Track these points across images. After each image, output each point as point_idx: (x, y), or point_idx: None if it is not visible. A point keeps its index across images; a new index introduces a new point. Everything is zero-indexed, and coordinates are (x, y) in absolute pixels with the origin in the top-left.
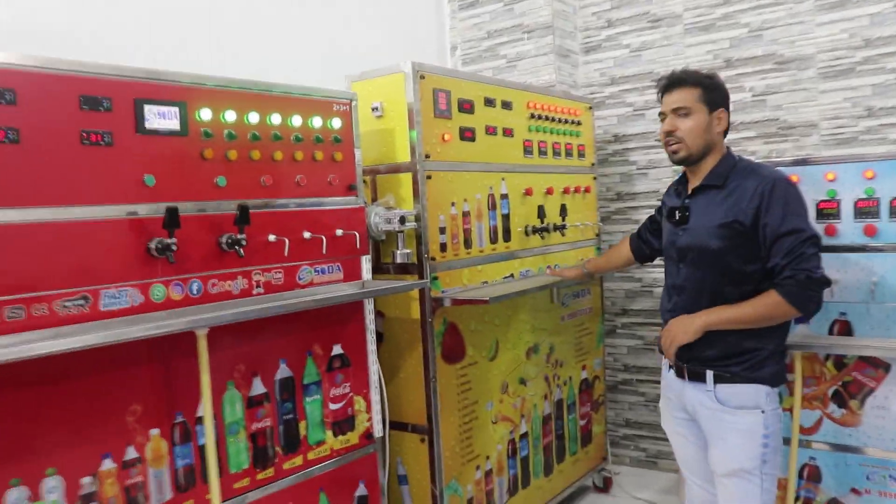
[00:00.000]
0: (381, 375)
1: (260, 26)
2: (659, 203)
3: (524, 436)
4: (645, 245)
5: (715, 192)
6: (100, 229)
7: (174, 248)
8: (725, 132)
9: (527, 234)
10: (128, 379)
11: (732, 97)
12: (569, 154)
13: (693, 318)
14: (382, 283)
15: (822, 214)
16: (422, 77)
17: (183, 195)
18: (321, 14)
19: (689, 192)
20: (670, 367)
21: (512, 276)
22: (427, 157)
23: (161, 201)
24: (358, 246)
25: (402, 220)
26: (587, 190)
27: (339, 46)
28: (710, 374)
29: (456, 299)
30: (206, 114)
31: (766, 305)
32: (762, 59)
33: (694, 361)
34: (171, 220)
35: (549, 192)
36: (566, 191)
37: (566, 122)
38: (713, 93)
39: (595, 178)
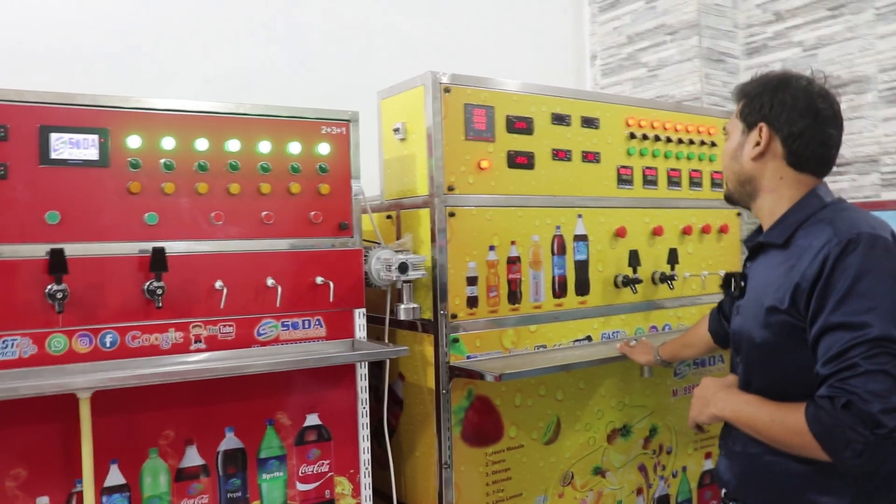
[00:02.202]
0: (391, 452)
1: (361, 43)
2: None
3: None
4: (727, 323)
5: (775, 254)
6: None
7: (61, 295)
8: (797, 162)
9: (616, 286)
10: (8, 438)
11: None
12: (695, 184)
13: (715, 397)
14: (369, 347)
15: None
16: (447, 90)
17: (98, 234)
18: (435, 23)
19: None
20: None
21: (589, 338)
22: (451, 189)
23: (66, 241)
24: (331, 298)
25: (403, 267)
26: (724, 230)
27: (465, 61)
28: None
29: (460, 368)
30: (134, 141)
31: (786, 426)
32: None
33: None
34: (57, 263)
35: (658, 232)
36: (687, 231)
37: (691, 142)
38: (753, 102)
39: (739, 215)
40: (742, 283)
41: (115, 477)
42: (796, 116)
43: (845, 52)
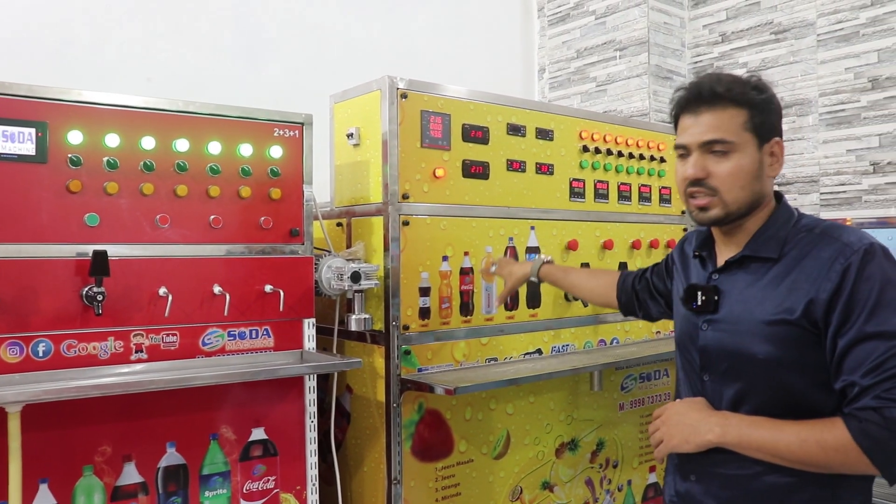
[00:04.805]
0: (338, 468)
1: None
2: (663, 261)
3: None
4: (640, 307)
5: (764, 267)
6: None
7: None
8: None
9: (567, 299)
10: None
11: (880, 130)
12: (645, 199)
13: (706, 422)
14: (320, 359)
15: None
16: (403, 96)
17: (32, 235)
18: (387, 29)
19: (721, 263)
20: None
21: (539, 351)
22: (405, 197)
23: None
24: (282, 307)
25: (356, 276)
26: (671, 245)
27: (415, 67)
28: None
29: (412, 381)
30: (75, 137)
31: (823, 444)
32: None
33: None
34: None
35: (608, 246)
36: (636, 245)
37: (641, 157)
38: (765, 113)
39: (686, 230)
40: (715, 299)
41: (44, 498)
42: (779, 122)
43: (788, 76)
